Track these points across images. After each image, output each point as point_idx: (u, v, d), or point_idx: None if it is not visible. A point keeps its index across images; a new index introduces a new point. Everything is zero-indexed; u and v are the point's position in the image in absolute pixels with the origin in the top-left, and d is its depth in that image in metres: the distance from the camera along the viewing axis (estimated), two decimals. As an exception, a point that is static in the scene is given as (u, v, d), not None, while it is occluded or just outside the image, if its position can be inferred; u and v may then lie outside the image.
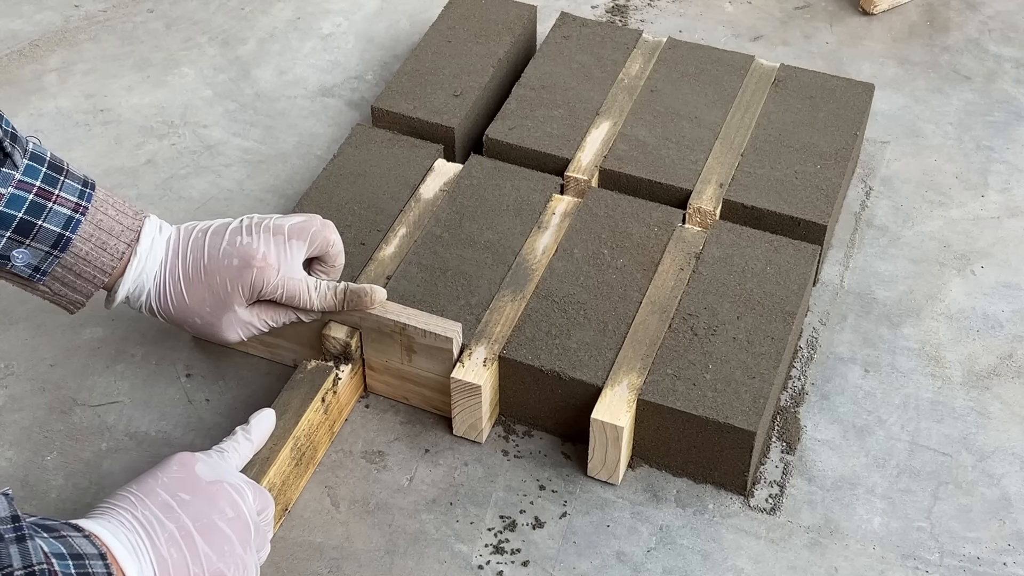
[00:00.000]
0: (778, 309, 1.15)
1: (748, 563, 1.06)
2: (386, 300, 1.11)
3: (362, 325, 1.12)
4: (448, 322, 1.11)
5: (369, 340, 1.13)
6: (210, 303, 1.08)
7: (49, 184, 1.00)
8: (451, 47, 1.42)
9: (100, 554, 0.84)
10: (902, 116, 1.48)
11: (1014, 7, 1.63)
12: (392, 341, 1.12)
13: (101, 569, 0.84)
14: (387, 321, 1.10)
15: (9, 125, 1.00)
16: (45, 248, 1.01)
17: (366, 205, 1.25)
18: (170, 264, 1.08)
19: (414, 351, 1.11)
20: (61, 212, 1.01)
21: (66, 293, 1.06)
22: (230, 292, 1.08)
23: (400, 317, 1.10)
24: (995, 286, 1.29)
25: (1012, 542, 1.07)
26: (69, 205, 1.01)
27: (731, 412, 1.07)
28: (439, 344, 1.10)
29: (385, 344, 1.12)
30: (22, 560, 0.77)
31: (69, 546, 0.83)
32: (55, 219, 1.01)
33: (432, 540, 1.07)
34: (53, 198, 1.01)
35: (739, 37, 1.59)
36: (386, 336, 1.12)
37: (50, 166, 1.01)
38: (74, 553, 0.83)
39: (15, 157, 0.99)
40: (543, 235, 1.23)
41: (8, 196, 0.98)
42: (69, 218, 1.01)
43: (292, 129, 1.47)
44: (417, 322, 1.10)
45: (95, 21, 1.62)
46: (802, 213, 1.24)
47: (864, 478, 1.12)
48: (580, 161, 1.30)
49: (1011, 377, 1.20)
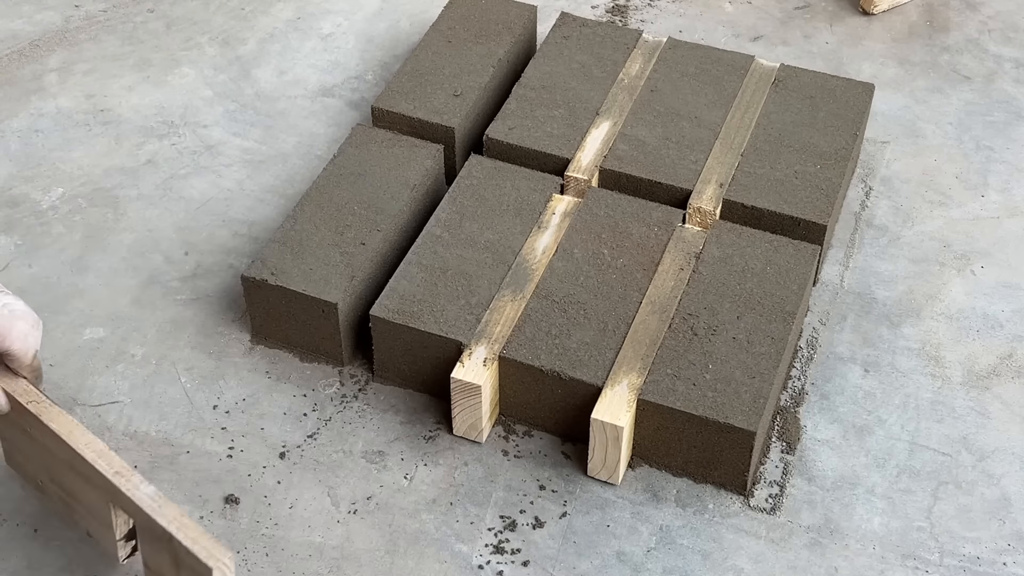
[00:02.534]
0: (778, 309, 1.15)
1: (748, 563, 1.06)
2: None
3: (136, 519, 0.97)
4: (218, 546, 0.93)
5: (143, 539, 0.98)
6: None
7: None
8: (451, 47, 1.42)
9: None
10: (902, 116, 1.48)
11: (1014, 7, 1.63)
12: (162, 548, 0.95)
13: None
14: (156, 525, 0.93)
15: None
16: None
17: (366, 205, 1.25)
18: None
19: (181, 566, 0.94)
20: None
21: None
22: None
23: (170, 525, 0.93)
24: (995, 286, 1.29)
25: (1012, 542, 1.07)
26: None
27: (731, 412, 1.07)
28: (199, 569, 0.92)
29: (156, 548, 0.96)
30: None
31: None
32: None
33: (432, 540, 1.07)
34: None
35: (739, 37, 1.59)
36: (158, 539, 0.95)
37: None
38: None
39: None
40: (543, 235, 1.23)
41: None
42: None
43: (292, 129, 1.47)
44: (185, 536, 0.92)
45: (95, 21, 1.62)
46: (802, 213, 1.24)
47: (864, 478, 1.12)
48: (580, 161, 1.30)
49: (1011, 377, 1.20)
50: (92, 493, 0.99)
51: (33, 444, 1.02)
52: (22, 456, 1.06)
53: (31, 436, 1.02)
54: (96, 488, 0.97)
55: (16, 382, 1.02)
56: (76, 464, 0.98)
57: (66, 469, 1.00)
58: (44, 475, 1.04)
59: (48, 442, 1.00)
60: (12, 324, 0.99)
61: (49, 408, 1.00)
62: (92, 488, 0.98)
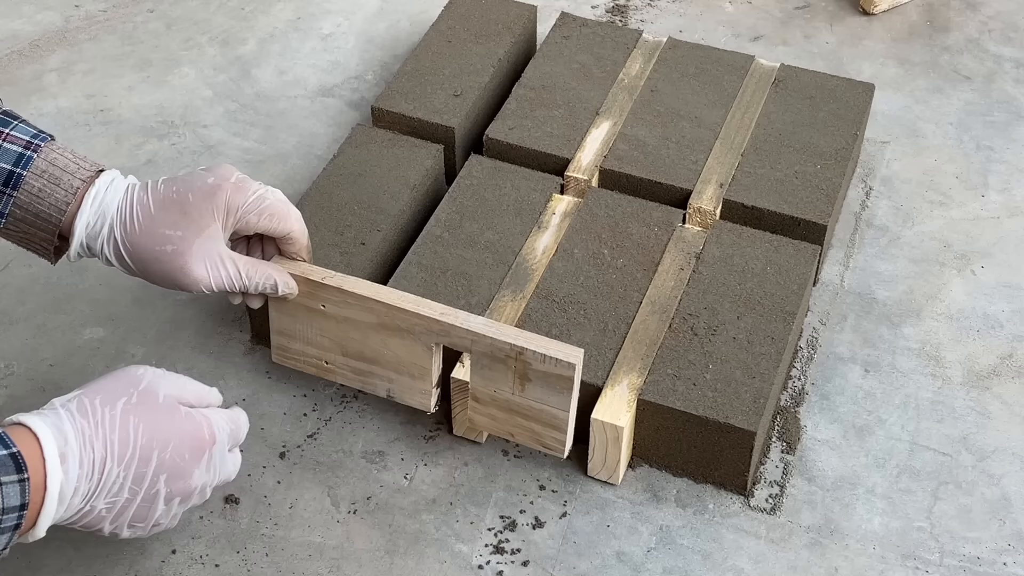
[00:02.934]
0: (778, 309, 1.15)
1: (748, 563, 1.06)
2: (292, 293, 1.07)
3: (472, 349, 1.04)
4: (567, 346, 1.01)
5: (478, 366, 1.05)
6: (182, 226, 1.00)
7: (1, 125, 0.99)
8: (451, 47, 1.42)
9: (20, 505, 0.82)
10: (902, 116, 1.48)
11: (1014, 7, 1.63)
12: (505, 368, 1.03)
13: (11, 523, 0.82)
14: (502, 344, 1.02)
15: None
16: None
17: (366, 205, 1.25)
18: (138, 193, 1.02)
19: (529, 379, 1.03)
20: (11, 149, 0.99)
21: (33, 232, 1.02)
22: (203, 213, 1.01)
23: (517, 340, 1.01)
24: (995, 286, 1.29)
25: (1012, 542, 1.07)
26: (20, 143, 0.99)
27: (731, 412, 1.07)
28: (559, 371, 1.01)
29: (496, 371, 1.04)
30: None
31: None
32: (5, 156, 0.98)
33: (432, 540, 1.07)
34: (3, 136, 0.99)
35: (739, 37, 1.59)
36: (498, 362, 1.03)
37: (4, 113, 1.00)
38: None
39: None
40: (543, 235, 1.23)
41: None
42: (20, 155, 0.99)
43: (292, 129, 1.47)
44: (535, 346, 1.01)
45: (95, 21, 1.62)
46: (802, 213, 1.24)
47: (864, 478, 1.12)
48: (580, 161, 1.30)
49: (1011, 377, 1.20)
50: (408, 346, 1.06)
51: (326, 323, 1.09)
52: (303, 343, 1.10)
53: (325, 314, 1.08)
54: (416, 338, 1.05)
55: (297, 266, 1.07)
56: (391, 320, 1.05)
57: (373, 333, 1.07)
58: (335, 353, 1.09)
59: (352, 312, 1.07)
60: (288, 207, 1.03)
61: (345, 277, 1.07)
62: (409, 340, 1.06)
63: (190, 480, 0.93)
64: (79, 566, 1.05)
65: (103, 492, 0.88)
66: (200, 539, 1.07)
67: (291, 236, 1.06)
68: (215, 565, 1.05)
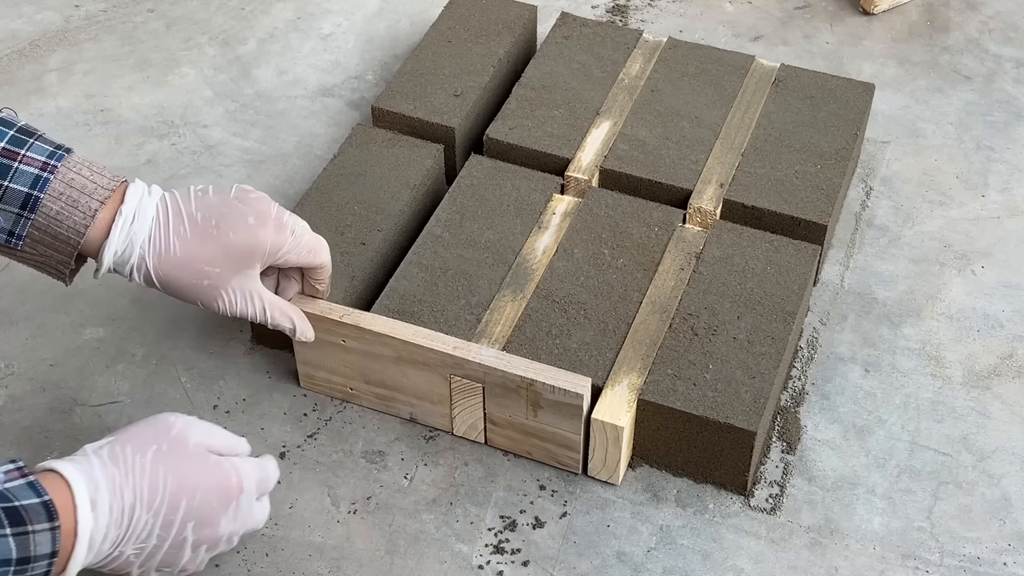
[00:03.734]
0: (778, 309, 1.15)
1: (748, 563, 1.06)
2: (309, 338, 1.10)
3: (486, 380, 1.08)
4: (576, 377, 1.07)
5: (492, 395, 1.09)
6: (221, 264, 1.02)
7: (15, 145, 0.98)
8: (451, 47, 1.42)
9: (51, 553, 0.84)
10: (902, 116, 1.48)
11: (1014, 7, 1.63)
12: (518, 396, 1.08)
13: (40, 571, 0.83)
14: (513, 376, 1.07)
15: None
16: (15, 210, 0.99)
17: (366, 205, 1.25)
18: (172, 221, 1.02)
19: (540, 407, 1.08)
20: (27, 171, 0.98)
21: (50, 255, 1.02)
22: (243, 254, 1.02)
23: (527, 372, 1.06)
24: (995, 286, 1.29)
25: (1012, 542, 1.07)
26: (36, 164, 0.99)
27: (731, 412, 1.07)
28: (568, 400, 1.06)
29: (509, 400, 1.09)
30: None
31: (23, 547, 0.82)
32: (21, 179, 0.98)
33: (432, 540, 1.07)
34: (19, 158, 0.98)
35: (739, 37, 1.59)
36: (511, 392, 1.08)
37: (20, 130, 0.99)
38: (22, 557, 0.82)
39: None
40: (543, 235, 1.23)
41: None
42: (37, 177, 0.98)
43: (292, 129, 1.47)
44: (545, 377, 1.06)
45: (95, 21, 1.62)
46: (802, 213, 1.24)
47: (864, 478, 1.12)
48: (580, 161, 1.30)
49: (1011, 377, 1.20)
50: (425, 376, 1.11)
51: (348, 356, 1.13)
52: (328, 372, 1.15)
53: (346, 348, 1.13)
54: (432, 368, 1.10)
55: (315, 304, 1.12)
56: (407, 354, 1.10)
57: (392, 364, 1.12)
58: (358, 381, 1.15)
59: (371, 346, 1.12)
60: (320, 242, 1.06)
61: (362, 314, 1.12)
62: (427, 371, 1.10)
63: (217, 528, 0.94)
64: (79, 566, 1.05)
65: (132, 538, 0.90)
66: (200, 539, 1.07)
67: (322, 269, 1.09)
68: (215, 565, 1.05)
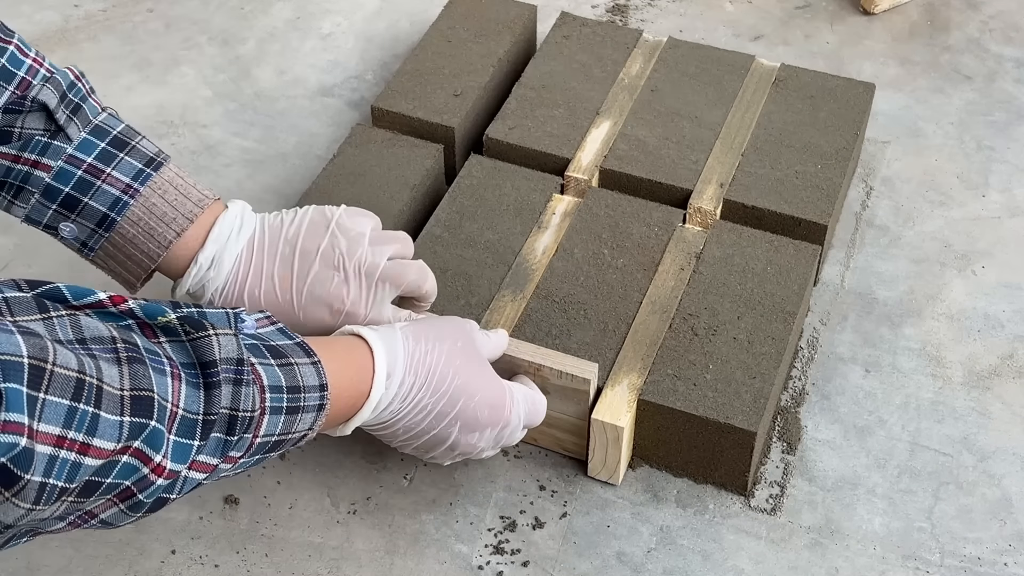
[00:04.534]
0: (779, 309, 1.15)
1: (749, 563, 1.06)
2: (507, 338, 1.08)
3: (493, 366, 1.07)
4: (583, 362, 1.07)
5: None
6: (329, 322, 1.04)
7: (103, 161, 0.99)
8: (451, 47, 1.42)
9: (321, 385, 0.85)
10: (903, 116, 1.48)
11: (1015, 7, 1.63)
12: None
13: (314, 401, 0.85)
14: (520, 361, 1.07)
15: (79, 95, 0.99)
16: (90, 226, 1.00)
17: (366, 205, 1.25)
18: (250, 280, 1.02)
19: (547, 392, 1.07)
20: (109, 192, 0.99)
21: (120, 271, 1.03)
22: (314, 329, 1.04)
23: (535, 357, 1.07)
24: (996, 286, 1.28)
25: (1013, 542, 1.07)
26: (119, 186, 0.99)
27: (731, 412, 1.07)
28: (575, 385, 1.06)
29: None
30: (229, 403, 0.77)
31: (291, 376, 0.83)
32: (102, 198, 0.99)
33: (432, 540, 1.07)
34: (103, 176, 0.99)
35: (739, 37, 1.59)
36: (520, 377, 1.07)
37: (113, 141, 0.99)
38: (292, 385, 0.83)
39: (69, 130, 0.98)
40: (543, 235, 1.23)
41: (57, 169, 0.98)
42: (117, 199, 0.99)
43: (292, 129, 1.47)
44: (552, 362, 1.06)
45: (95, 21, 1.62)
46: (803, 213, 1.24)
47: (865, 478, 1.12)
48: (580, 161, 1.30)
49: (1012, 377, 1.20)
50: None
51: None
52: None
53: None
54: None
55: None
56: None
57: None
58: None
59: None
60: (427, 269, 1.07)
61: None
62: None
63: (477, 438, 1.00)
64: (79, 566, 1.05)
65: (408, 415, 0.95)
66: (200, 539, 1.07)
67: (428, 296, 1.08)
68: (215, 565, 1.05)
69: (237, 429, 0.78)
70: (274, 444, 0.83)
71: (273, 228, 1.04)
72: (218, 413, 0.77)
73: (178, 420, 0.75)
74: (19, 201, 0.99)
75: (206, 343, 0.77)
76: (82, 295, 0.77)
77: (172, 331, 0.78)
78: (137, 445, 0.72)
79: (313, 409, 0.85)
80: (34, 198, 0.99)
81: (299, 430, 0.85)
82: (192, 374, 0.77)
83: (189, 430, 0.76)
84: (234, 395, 0.77)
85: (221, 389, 0.77)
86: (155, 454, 0.73)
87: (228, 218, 1.02)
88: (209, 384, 0.77)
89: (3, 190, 0.99)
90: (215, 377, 0.77)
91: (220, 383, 0.77)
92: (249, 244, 1.03)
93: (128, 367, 0.73)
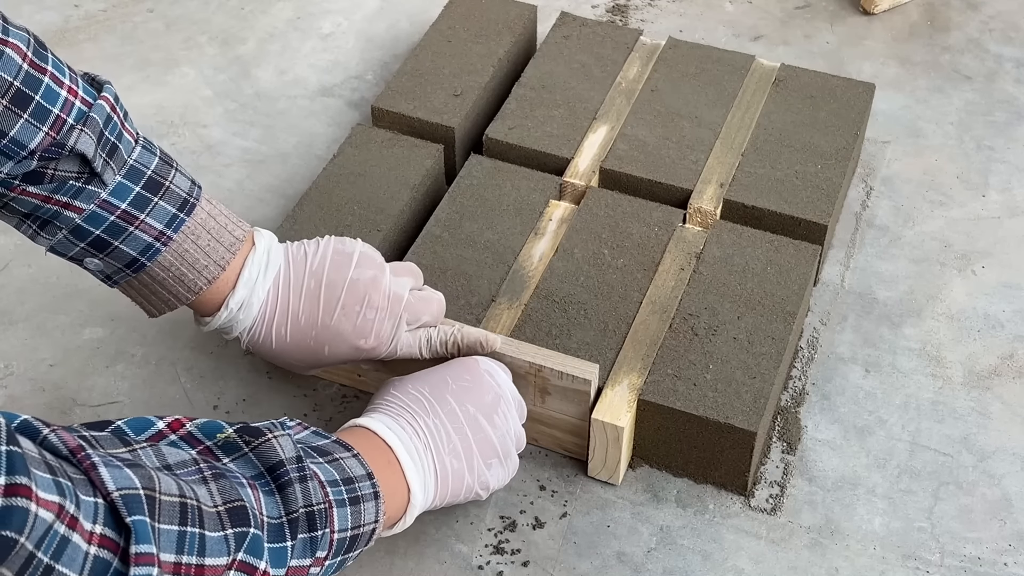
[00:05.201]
0: (779, 309, 1.15)
1: (749, 563, 1.06)
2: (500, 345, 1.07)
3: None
4: (584, 363, 1.07)
5: None
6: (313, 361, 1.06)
7: (137, 208, 0.95)
8: (451, 47, 1.42)
9: (368, 474, 0.87)
10: (903, 116, 1.48)
11: (1015, 7, 1.63)
12: (525, 383, 1.08)
13: (368, 490, 0.87)
14: (521, 363, 1.07)
15: (115, 132, 0.94)
16: (119, 265, 0.98)
17: (366, 205, 1.25)
18: (276, 321, 1.03)
19: (548, 393, 1.08)
20: (141, 238, 0.96)
21: (140, 302, 1.03)
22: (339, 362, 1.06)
23: (535, 358, 1.06)
24: (996, 286, 1.28)
25: (1013, 542, 1.07)
26: (152, 233, 0.96)
27: (732, 412, 1.07)
28: (575, 386, 1.06)
29: (518, 385, 1.07)
30: (303, 500, 0.80)
31: (341, 470, 0.86)
32: (133, 243, 0.96)
33: (432, 540, 1.07)
34: (136, 223, 0.96)
35: (739, 37, 1.59)
36: (519, 377, 1.07)
37: (148, 183, 0.96)
38: (345, 478, 0.86)
39: (105, 176, 0.94)
40: (540, 241, 1.23)
41: (88, 212, 0.94)
42: (148, 245, 0.97)
43: (292, 129, 1.47)
44: (553, 363, 1.06)
45: (95, 21, 1.62)
46: (803, 213, 1.24)
47: (865, 478, 1.12)
48: (577, 167, 1.29)
49: (1012, 377, 1.20)
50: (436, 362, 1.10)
51: None
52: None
53: None
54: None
55: None
56: None
57: None
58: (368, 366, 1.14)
59: None
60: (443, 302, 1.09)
61: None
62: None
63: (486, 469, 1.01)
64: (79, 566, 1.05)
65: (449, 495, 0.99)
66: (200, 539, 1.07)
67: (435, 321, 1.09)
68: (215, 565, 1.05)
69: (318, 524, 0.81)
70: (350, 540, 0.86)
71: (297, 262, 1.04)
72: (297, 511, 0.80)
73: (266, 528, 0.78)
74: (45, 233, 0.96)
75: (268, 447, 0.81)
76: (142, 429, 0.80)
77: (232, 447, 0.82)
78: (241, 557, 0.75)
79: (371, 498, 0.87)
80: (61, 233, 0.96)
81: (367, 521, 0.87)
82: (263, 483, 0.80)
83: (278, 534, 0.79)
84: (303, 492, 0.81)
85: (294, 487, 0.80)
86: (259, 562, 0.76)
87: (256, 258, 1.02)
88: (281, 486, 0.80)
89: (28, 220, 0.96)
90: (285, 477, 0.80)
91: (291, 482, 0.80)
92: (275, 282, 1.04)
93: (215, 483, 0.76)
